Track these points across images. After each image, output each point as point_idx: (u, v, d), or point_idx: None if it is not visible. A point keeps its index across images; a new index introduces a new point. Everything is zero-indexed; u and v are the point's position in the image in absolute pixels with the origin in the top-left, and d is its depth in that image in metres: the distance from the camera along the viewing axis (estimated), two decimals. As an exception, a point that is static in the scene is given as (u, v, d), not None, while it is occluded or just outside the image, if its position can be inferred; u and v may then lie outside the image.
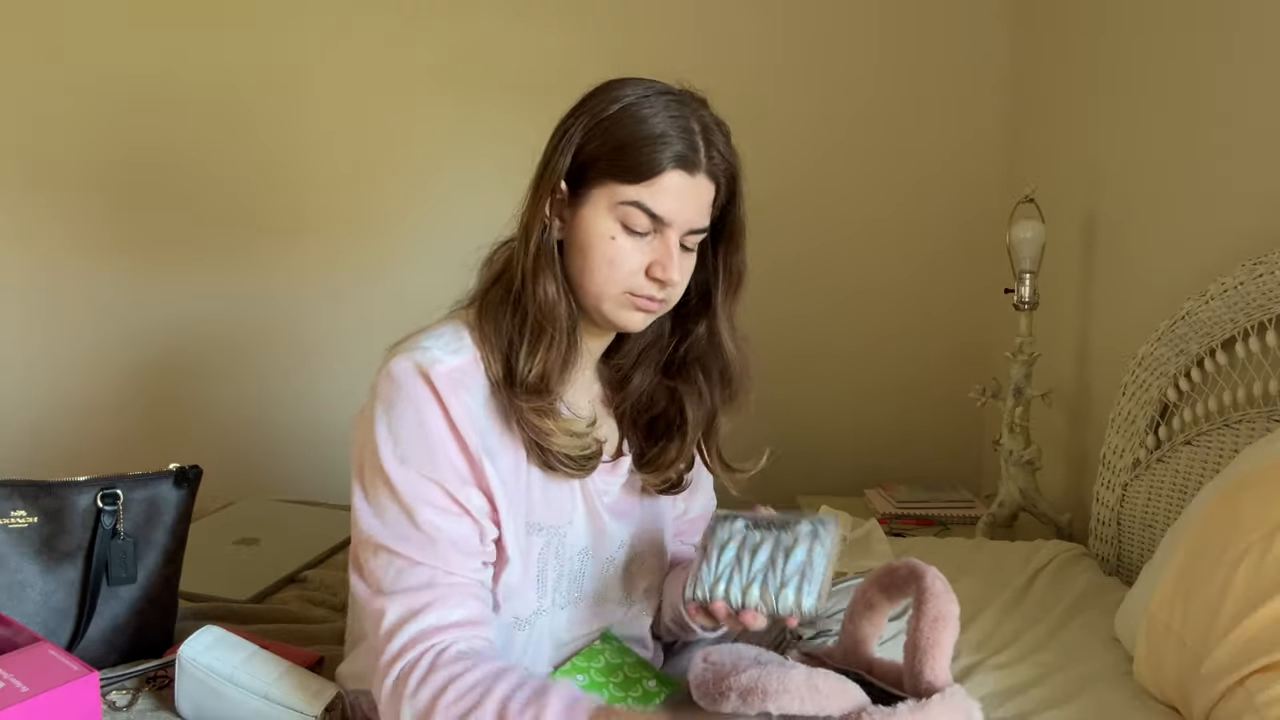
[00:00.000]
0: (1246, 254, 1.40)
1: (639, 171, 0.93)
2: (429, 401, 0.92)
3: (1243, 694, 0.99)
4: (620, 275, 0.95)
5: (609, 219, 0.94)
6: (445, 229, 2.28)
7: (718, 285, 1.04)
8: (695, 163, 0.94)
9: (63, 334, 2.35)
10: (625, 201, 0.93)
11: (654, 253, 0.95)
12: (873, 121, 2.32)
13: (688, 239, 0.97)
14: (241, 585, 1.46)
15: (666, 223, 0.94)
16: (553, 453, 0.97)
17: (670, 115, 0.94)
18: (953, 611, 0.92)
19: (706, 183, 0.96)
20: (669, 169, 0.93)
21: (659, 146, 0.92)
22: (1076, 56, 2.02)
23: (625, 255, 0.94)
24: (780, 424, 2.37)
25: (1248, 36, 1.50)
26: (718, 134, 0.97)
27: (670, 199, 0.93)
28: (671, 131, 0.93)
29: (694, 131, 0.94)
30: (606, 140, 0.94)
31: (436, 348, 0.94)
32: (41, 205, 2.31)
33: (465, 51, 2.27)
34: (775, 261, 2.35)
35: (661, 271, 0.94)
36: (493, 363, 0.96)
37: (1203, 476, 1.42)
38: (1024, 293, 1.85)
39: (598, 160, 0.94)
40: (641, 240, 0.95)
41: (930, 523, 1.99)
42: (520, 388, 0.95)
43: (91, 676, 0.89)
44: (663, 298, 0.97)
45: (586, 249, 0.95)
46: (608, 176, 0.94)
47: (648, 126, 0.93)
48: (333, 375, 2.35)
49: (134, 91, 2.28)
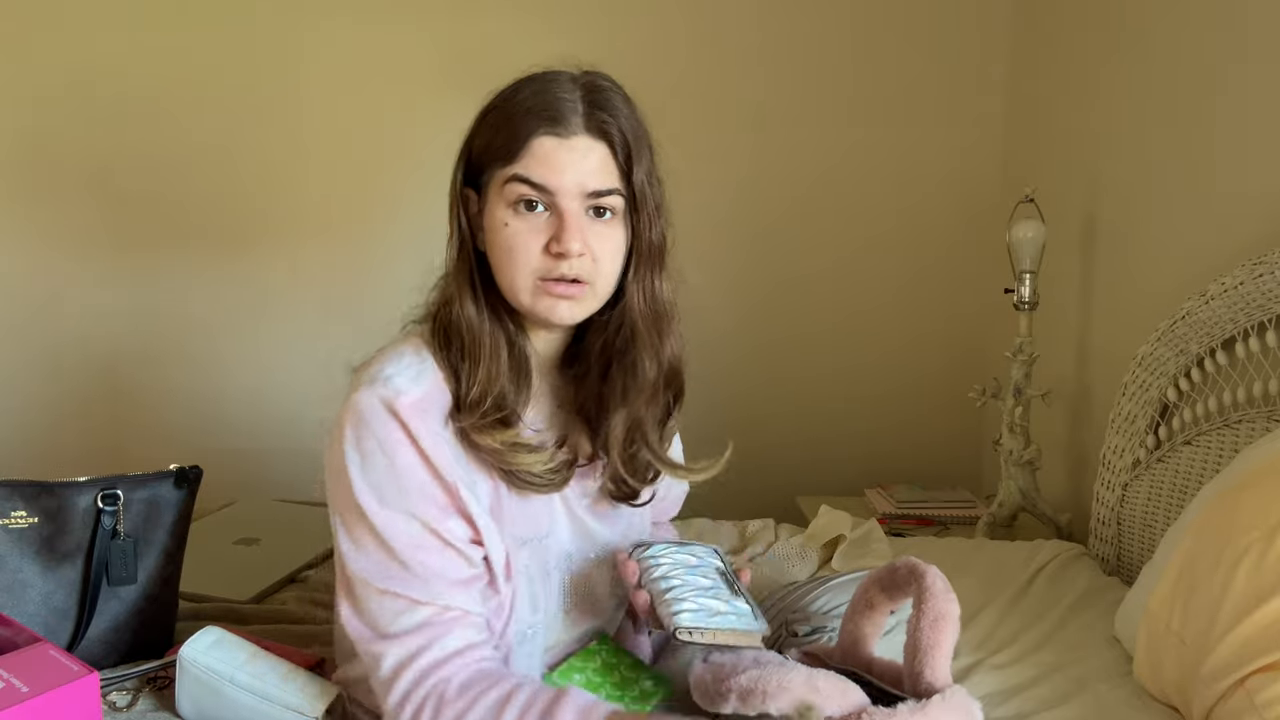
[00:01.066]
0: (1246, 254, 1.40)
1: (511, 147, 0.90)
2: (399, 438, 0.89)
3: (1243, 694, 0.99)
4: (521, 261, 0.91)
5: (501, 207, 0.91)
6: (443, 228, 2.27)
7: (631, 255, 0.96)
8: (568, 124, 0.90)
9: (62, 335, 2.35)
10: (506, 180, 0.90)
11: (552, 228, 0.90)
12: (873, 122, 2.32)
13: (595, 202, 0.91)
14: (241, 585, 1.46)
15: (551, 189, 0.90)
16: (516, 472, 0.94)
17: (537, 90, 0.91)
18: (953, 611, 0.92)
19: (590, 141, 0.91)
20: (537, 135, 0.89)
21: (523, 118, 0.90)
22: (1076, 57, 2.02)
23: (521, 238, 0.90)
24: (780, 424, 2.38)
25: (1248, 36, 1.50)
26: (604, 95, 0.92)
27: (543, 165, 0.89)
28: (537, 105, 0.90)
29: (562, 98, 0.91)
30: (485, 132, 0.93)
31: (399, 376, 0.91)
32: (36, 206, 2.31)
33: (464, 52, 2.27)
34: (775, 261, 2.36)
35: (558, 243, 0.89)
36: (448, 387, 0.94)
37: (1203, 476, 1.42)
38: (1024, 293, 1.85)
39: (483, 154, 0.93)
40: (539, 218, 0.90)
41: (930, 523, 1.99)
42: (466, 412, 0.92)
43: (91, 677, 0.89)
44: (574, 276, 0.90)
45: (491, 246, 0.93)
46: (491, 164, 0.92)
47: (516, 105, 0.91)
48: (333, 375, 2.35)
49: (129, 91, 2.27)
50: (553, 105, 0.90)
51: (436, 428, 0.91)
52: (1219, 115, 1.56)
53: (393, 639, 0.89)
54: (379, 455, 0.90)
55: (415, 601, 0.90)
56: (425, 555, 0.90)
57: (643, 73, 1.01)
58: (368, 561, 0.90)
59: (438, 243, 1.02)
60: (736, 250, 2.33)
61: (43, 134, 2.29)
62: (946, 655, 0.91)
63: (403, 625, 0.89)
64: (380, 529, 0.89)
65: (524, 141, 0.90)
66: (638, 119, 0.95)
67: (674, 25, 2.28)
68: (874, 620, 1.03)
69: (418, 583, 0.90)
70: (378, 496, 0.90)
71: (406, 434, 0.89)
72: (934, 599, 0.92)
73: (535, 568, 0.99)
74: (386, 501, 0.90)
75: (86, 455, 2.26)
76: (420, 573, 0.90)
